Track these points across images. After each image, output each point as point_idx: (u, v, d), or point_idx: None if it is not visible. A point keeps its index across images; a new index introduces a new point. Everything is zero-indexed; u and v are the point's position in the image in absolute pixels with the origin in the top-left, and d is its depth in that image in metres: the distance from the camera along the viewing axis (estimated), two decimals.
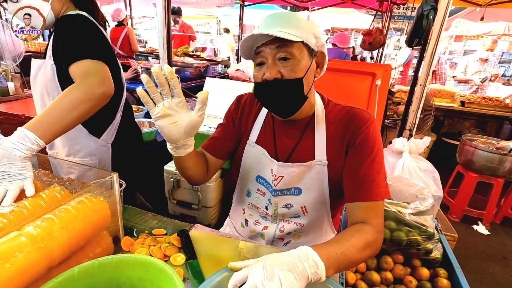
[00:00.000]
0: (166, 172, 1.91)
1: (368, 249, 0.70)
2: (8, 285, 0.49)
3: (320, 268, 0.56)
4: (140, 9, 7.18)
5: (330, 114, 0.90)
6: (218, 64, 3.91)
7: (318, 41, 0.81)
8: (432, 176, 1.83)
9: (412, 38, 1.98)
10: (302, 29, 0.77)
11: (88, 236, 0.66)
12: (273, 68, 0.77)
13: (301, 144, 0.91)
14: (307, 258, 0.56)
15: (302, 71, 0.78)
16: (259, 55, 0.80)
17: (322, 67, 0.86)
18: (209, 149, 0.99)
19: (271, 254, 0.57)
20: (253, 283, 0.51)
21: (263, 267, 0.53)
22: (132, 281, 0.60)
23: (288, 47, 0.76)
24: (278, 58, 0.77)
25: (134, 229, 0.93)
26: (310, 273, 0.55)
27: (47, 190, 0.70)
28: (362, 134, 0.83)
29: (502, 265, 2.24)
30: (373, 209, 0.77)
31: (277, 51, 0.76)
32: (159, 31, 2.30)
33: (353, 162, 0.83)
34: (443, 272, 0.93)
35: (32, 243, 0.54)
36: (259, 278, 0.51)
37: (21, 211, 0.61)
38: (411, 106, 2.05)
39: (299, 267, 0.54)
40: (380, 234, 0.75)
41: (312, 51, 0.81)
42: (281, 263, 0.54)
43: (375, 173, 0.80)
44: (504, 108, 3.49)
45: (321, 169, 0.88)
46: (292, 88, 0.80)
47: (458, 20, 6.60)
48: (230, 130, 1.01)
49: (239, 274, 0.54)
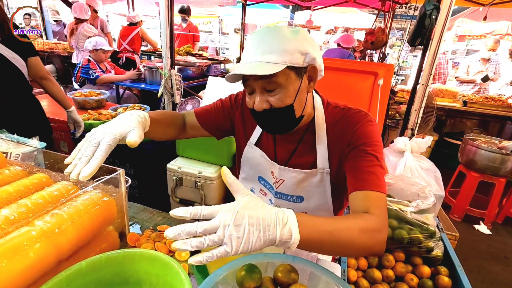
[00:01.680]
0: (168, 170, 1.92)
1: (364, 235, 0.64)
2: (20, 278, 0.51)
3: (293, 240, 0.53)
4: (142, 8, 7.20)
5: (329, 117, 0.90)
6: (220, 63, 3.92)
7: (307, 57, 0.77)
8: (434, 175, 1.83)
9: (415, 38, 1.98)
10: (286, 51, 0.73)
11: (95, 231, 0.67)
12: (261, 99, 0.78)
13: (300, 147, 0.92)
14: (284, 225, 0.53)
15: (290, 97, 0.78)
16: (247, 84, 0.80)
17: (315, 79, 0.84)
18: (199, 116, 1.03)
19: (248, 202, 0.54)
20: (216, 224, 0.49)
21: (234, 213, 0.50)
22: (139, 275, 0.62)
23: (272, 77, 0.74)
24: (265, 89, 0.77)
25: (139, 225, 0.95)
26: (278, 240, 0.52)
27: (55, 185, 0.71)
28: (357, 132, 0.83)
29: (504, 265, 2.24)
30: (375, 199, 0.74)
31: (262, 82, 0.76)
32: (162, 30, 2.32)
33: (353, 157, 0.83)
34: (444, 270, 0.93)
35: (42, 238, 0.55)
36: (224, 222, 0.49)
37: (30, 206, 0.63)
38: (413, 105, 2.06)
39: (269, 230, 0.52)
40: (382, 224, 0.69)
41: (301, 70, 0.78)
42: (253, 217, 0.51)
43: (374, 165, 0.79)
44: (507, 108, 3.48)
45: (324, 177, 0.89)
46: (282, 115, 0.80)
47: (461, 20, 6.58)
48: (226, 109, 1.03)
49: (208, 209, 0.52)
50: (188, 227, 0.50)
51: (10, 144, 0.96)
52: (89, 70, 2.98)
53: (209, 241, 0.49)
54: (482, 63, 4.30)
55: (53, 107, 2.46)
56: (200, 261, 0.49)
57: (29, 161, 0.93)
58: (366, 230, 0.64)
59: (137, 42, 4.41)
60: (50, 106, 2.49)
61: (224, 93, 1.11)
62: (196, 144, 1.91)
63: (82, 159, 0.65)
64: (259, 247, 0.51)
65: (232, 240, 0.49)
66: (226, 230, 0.49)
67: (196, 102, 2.34)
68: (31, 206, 0.63)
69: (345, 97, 0.96)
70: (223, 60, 4.05)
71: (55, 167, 0.83)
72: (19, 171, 0.77)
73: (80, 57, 4.07)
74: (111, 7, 8.41)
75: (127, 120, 0.73)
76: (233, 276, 0.58)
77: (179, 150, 1.99)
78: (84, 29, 4.04)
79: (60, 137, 2.15)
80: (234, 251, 0.49)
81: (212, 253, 0.49)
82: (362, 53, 5.32)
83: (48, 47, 4.88)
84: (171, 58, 2.41)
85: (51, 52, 4.52)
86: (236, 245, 0.49)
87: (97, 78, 2.99)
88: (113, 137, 0.68)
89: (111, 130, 0.69)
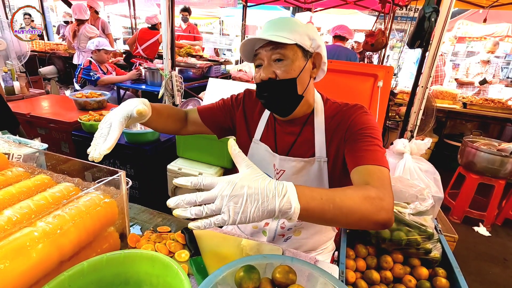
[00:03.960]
0: (169, 171, 1.93)
1: (366, 202, 0.62)
2: (23, 278, 0.52)
3: (292, 210, 0.54)
4: (143, 9, 7.22)
5: (328, 111, 0.94)
6: (221, 64, 3.93)
7: (313, 43, 0.86)
8: (433, 177, 1.84)
9: (414, 40, 1.99)
10: (296, 32, 0.82)
11: (97, 232, 0.68)
12: (268, 68, 0.84)
13: (299, 139, 0.95)
14: (282, 196, 0.54)
15: (295, 71, 0.83)
16: (257, 57, 0.87)
17: (319, 67, 0.90)
18: (202, 113, 1.08)
19: (249, 174, 0.55)
20: (215, 194, 0.52)
21: (233, 184, 0.52)
22: (139, 276, 0.62)
23: (281, 49, 0.81)
24: (273, 60, 0.83)
25: (139, 226, 0.96)
26: (277, 210, 0.53)
27: (56, 186, 0.72)
28: (353, 120, 0.86)
29: (503, 267, 2.25)
30: (375, 172, 0.73)
31: (271, 52, 0.83)
32: (163, 32, 2.33)
33: (351, 141, 0.85)
34: (442, 272, 0.94)
35: (45, 238, 0.56)
36: (222, 192, 0.51)
37: (32, 208, 0.64)
38: (413, 107, 2.06)
39: (268, 200, 0.52)
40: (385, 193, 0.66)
41: (307, 53, 0.85)
42: (252, 187, 0.52)
43: (372, 144, 0.80)
44: (507, 110, 3.48)
45: (321, 165, 0.92)
46: (286, 87, 0.85)
47: (461, 22, 6.59)
48: (228, 107, 1.07)
49: (208, 179, 0.54)
50: (189, 197, 0.53)
51: (12, 145, 0.97)
52: (90, 71, 2.99)
53: (207, 209, 0.52)
54: (482, 65, 4.30)
55: (54, 108, 2.47)
56: (199, 226, 0.52)
57: (31, 162, 0.94)
58: (368, 197, 0.63)
59: (155, 48, 4.23)
60: (51, 107, 2.50)
61: (225, 94, 1.13)
62: (196, 145, 1.92)
63: (100, 140, 0.73)
64: (258, 217, 0.53)
65: (230, 210, 0.51)
66: (224, 200, 0.51)
67: (196, 103, 2.35)
68: (33, 207, 0.64)
69: (345, 99, 0.98)
70: (223, 61, 4.06)
71: (56, 168, 0.84)
72: (21, 172, 0.78)
73: (81, 58, 4.08)
74: (112, 8, 8.44)
75: (130, 102, 0.82)
76: (232, 277, 0.59)
77: (179, 151, 2.00)
78: (86, 30, 4.06)
79: (61, 138, 2.16)
80: (231, 220, 0.51)
81: (210, 220, 0.52)
82: (361, 54, 5.33)
83: (49, 48, 4.90)
84: (171, 59, 2.42)
85: (52, 53, 4.54)
86: (233, 215, 0.51)
87: (98, 79, 3.01)
88: (121, 115, 0.77)
89: (118, 111, 0.78)
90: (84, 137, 2.01)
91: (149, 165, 1.96)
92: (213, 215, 0.52)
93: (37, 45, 4.99)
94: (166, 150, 2.05)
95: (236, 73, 3.51)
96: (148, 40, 4.17)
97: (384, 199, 0.64)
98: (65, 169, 0.82)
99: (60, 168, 0.82)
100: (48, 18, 6.59)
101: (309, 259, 0.85)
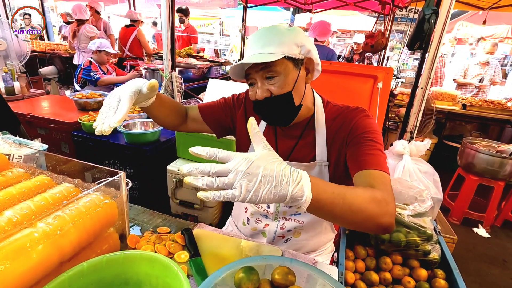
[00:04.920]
0: (169, 172, 1.93)
1: (373, 203, 0.62)
2: (23, 279, 0.52)
3: (304, 199, 0.53)
4: (144, 9, 7.23)
5: (329, 114, 0.94)
6: (221, 65, 3.94)
7: (302, 49, 0.84)
8: (433, 178, 1.84)
9: (414, 42, 1.99)
10: (283, 43, 0.80)
11: (97, 233, 0.68)
12: (262, 88, 0.83)
13: (301, 143, 0.95)
14: (296, 183, 0.53)
15: (289, 85, 0.83)
16: (249, 77, 0.86)
17: (312, 71, 0.89)
18: (203, 110, 1.07)
19: (267, 156, 0.54)
20: (230, 167, 0.51)
21: (249, 162, 0.51)
22: (139, 276, 0.63)
23: (271, 66, 0.80)
24: (265, 78, 0.82)
25: (139, 227, 0.96)
26: (289, 196, 0.52)
27: (57, 187, 0.72)
28: (355, 124, 0.86)
29: (502, 268, 2.25)
30: (378, 177, 0.73)
31: (262, 72, 0.82)
32: (163, 32, 2.33)
33: (352, 145, 0.85)
34: (441, 273, 0.94)
35: (45, 239, 0.56)
36: (237, 167, 0.50)
37: (33, 208, 0.64)
38: (412, 108, 2.07)
39: (282, 185, 0.52)
40: (389, 198, 0.67)
41: (298, 61, 0.84)
42: (268, 169, 0.51)
43: (374, 149, 0.80)
44: (506, 111, 3.49)
45: (322, 169, 0.91)
46: (282, 103, 0.84)
47: (461, 23, 6.60)
48: (229, 107, 1.07)
49: (225, 152, 0.53)
50: (202, 166, 0.51)
51: (13, 146, 0.98)
52: (91, 71, 2.99)
53: (219, 182, 0.50)
54: (481, 67, 4.31)
55: (54, 108, 2.48)
56: (207, 196, 0.51)
57: (31, 163, 0.94)
58: (375, 199, 0.63)
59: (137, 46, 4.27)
60: (51, 107, 2.50)
61: (225, 95, 1.13)
62: (196, 146, 1.92)
63: (110, 112, 0.71)
64: (269, 200, 0.52)
65: (242, 186, 0.50)
66: (238, 175, 0.50)
67: (196, 104, 2.35)
68: (33, 208, 0.64)
69: (345, 100, 0.98)
70: (223, 62, 4.07)
71: (57, 169, 0.84)
72: (21, 173, 0.78)
73: (81, 58, 4.09)
74: (113, 9, 8.44)
75: (137, 80, 0.80)
76: (231, 278, 0.59)
77: (179, 151, 2.00)
78: (86, 30, 4.06)
79: (61, 138, 2.17)
80: (242, 197, 0.50)
81: (220, 193, 0.51)
82: (361, 55, 5.33)
83: (50, 48, 4.90)
84: (172, 60, 2.43)
85: (53, 53, 4.54)
86: (244, 192, 0.50)
87: (98, 80, 3.01)
88: (131, 89, 0.75)
89: (127, 86, 0.76)
90: (84, 137, 2.01)
91: (149, 166, 1.96)
92: (224, 189, 0.51)
93: (37, 45, 4.99)
94: (166, 151, 2.05)
95: None
96: (128, 39, 4.18)
97: (389, 203, 0.65)
98: (65, 170, 0.83)
99: (60, 169, 0.83)
100: (48, 18, 6.59)
101: (308, 261, 0.85)
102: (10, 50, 2.75)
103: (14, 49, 2.78)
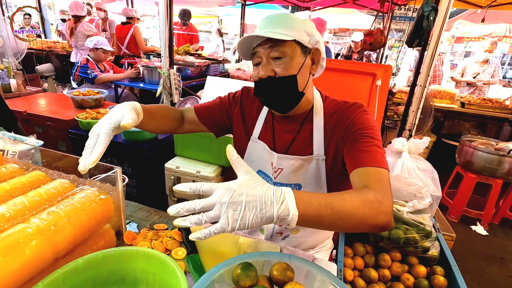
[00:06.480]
0: (166, 170, 1.92)
1: (364, 205, 0.62)
2: (17, 275, 0.51)
3: (291, 217, 0.54)
4: (141, 7, 7.20)
5: (327, 109, 0.93)
6: (219, 63, 3.92)
7: (311, 39, 0.85)
8: (431, 176, 1.84)
9: (412, 39, 1.99)
10: (294, 28, 0.81)
11: (92, 229, 0.67)
12: (267, 66, 0.83)
13: (298, 137, 0.94)
14: (281, 203, 0.53)
15: (295, 68, 0.82)
16: (256, 55, 0.85)
17: (318, 63, 0.89)
18: (199, 112, 1.07)
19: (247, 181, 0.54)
20: (213, 201, 0.52)
21: (231, 192, 0.52)
22: (135, 273, 0.62)
23: (280, 46, 0.80)
24: (272, 57, 0.82)
25: (136, 224, 0.95)
26: (275, 217, 0.53)
27: (51, 183, 0.71)
28: (353, 120, 0.85)
29: (500, 266, 2.25)
30: (374, 174, 0.73)
31: (270, 50, 0.81)
32: (161, 30, 2.32)
33: (350, 141, 0.84)
34: (440, 270, 0.94)
35: (38, 235, 0.55)
36: (220, 200, 0.51)
37: (26, 204, 0.63)
38: (411, 106, 2.07)
39: (266, 207, 0.52)
40: (383, 196, 0.66)
41: (306, 49, 0.84)
42: (250, 195, 0.52)
43: (371, 145, 0.79)
44: (504, 109, 3.50)
45: (319, 164, 0.91)
46: (286, 85, 0.83)
47: (459, 22, 6.61)
48: (225, 106, 1.06)
49: (207, 185, 0.54)
50: (188, 205, 0.53)
51: (7, 141, 0.96)
52: (88, 69, 2.97)
53: (206, 217, 0.51)
54: (480, 65, 4.31)
55: (51, 106, 2.46)
56: (199, 237, 0.52)
57: (26, 159, 0.93)
58: (366, 201, 0.63)
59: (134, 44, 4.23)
60: (48, 105, 2.48)
61: (223, 92, 1.12)
62: (194, 144, 1.91)
63: (86, 152, 0.70)
64: (257, 224, 0.52)
65: (228, 217, 0.51)
66: (223, 207, 0.51)
67: (194, 101, 2.34)
68: (27, 204, 0.63)
69: (343, 97, 0.98)
70: (222, 60, 4.05)
71: (52, 165, 0.83)
72: (16, 169, 0.77)
73: (79, 56, 4.06)
74: (111, 6, 8.39)
75: (119, 110, 0.79)
76: (229, 274, 0.59)
77: (177, 149, 1.99)
78: (84, 28, 4.04)
79: (58, 136, 2.15)
80: (230, 228, 0.51)
81: (209, 229, 0.52)
82: (360, 54, 5.33)
83: (47, 45, 4.86)
84: (170, 57, 2.41)
85: (50, 51, 4.51)
86: (232, 222, 0.51)
87: (95, 77, 2.99)
88: (109, 126, 0.74)
89: (106, 120, 0.75)
90: (81, 135, 1.99)
91: (147, 164, 1.95)
92: (212, 223, 0.52)
93: (34, 43, 4.95)
94: (164, 149, 2.04)
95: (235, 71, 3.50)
96: (126, 37, 4.13)
97: (382, 203, 0.64)
98: (60, 166, 0.81)
99: (55, 165, 0.81)
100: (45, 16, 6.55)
101: (307, 257, 0.84)
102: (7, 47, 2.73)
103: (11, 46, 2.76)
